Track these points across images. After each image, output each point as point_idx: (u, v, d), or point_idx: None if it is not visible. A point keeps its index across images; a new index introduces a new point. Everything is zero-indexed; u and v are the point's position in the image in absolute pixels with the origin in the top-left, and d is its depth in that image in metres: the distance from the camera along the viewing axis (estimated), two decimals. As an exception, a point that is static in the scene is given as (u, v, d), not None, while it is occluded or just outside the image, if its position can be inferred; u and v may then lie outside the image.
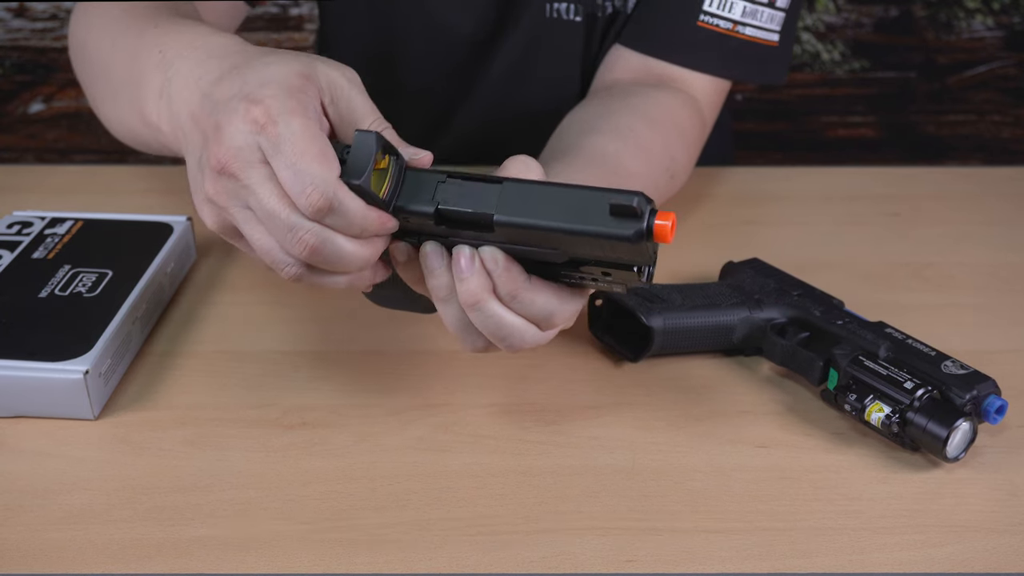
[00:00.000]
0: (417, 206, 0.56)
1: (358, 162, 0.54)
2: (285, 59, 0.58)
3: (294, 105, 0.55)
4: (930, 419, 0.62)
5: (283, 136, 0.54)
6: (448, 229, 0.56)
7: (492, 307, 0.57)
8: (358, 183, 0.54)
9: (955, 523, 0.60)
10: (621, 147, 0.79)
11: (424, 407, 0.68)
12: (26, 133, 1.97)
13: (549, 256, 0.55)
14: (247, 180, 0.55)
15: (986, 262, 0.87)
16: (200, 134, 0.58)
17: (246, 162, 0.55)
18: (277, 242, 0.56)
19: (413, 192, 0.56)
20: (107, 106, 0.77)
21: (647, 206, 0.52)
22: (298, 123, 0.54)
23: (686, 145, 0.87)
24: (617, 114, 0.83)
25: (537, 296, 0.57)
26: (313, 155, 0.54)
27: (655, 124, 0.83)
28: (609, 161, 0.77)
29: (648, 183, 0.81)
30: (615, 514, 0.60)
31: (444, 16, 0.96)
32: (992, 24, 1.97)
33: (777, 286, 0.74)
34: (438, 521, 0.60)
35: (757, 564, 0.57)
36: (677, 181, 0.86)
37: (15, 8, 1.90)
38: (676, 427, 0.67)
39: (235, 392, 0.70)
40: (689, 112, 0.87)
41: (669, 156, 0.84)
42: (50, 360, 0.65)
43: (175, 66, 0.62)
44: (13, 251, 0.77)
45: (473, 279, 0.56)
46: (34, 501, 0.61)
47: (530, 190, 0.54)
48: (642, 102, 0.85)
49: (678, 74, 0.89)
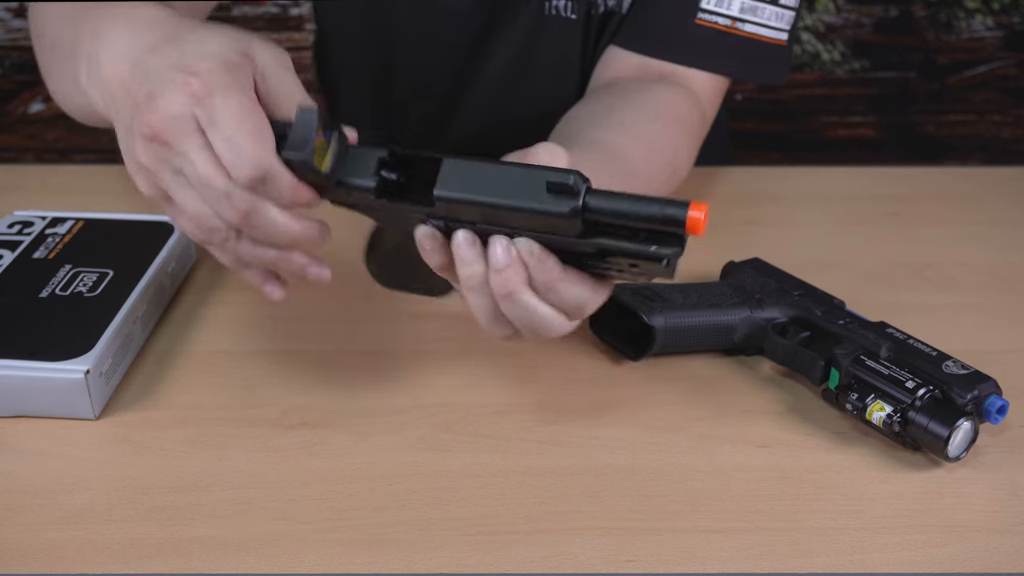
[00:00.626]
0: (359, 180, 0.57)
1: (299, 137, 0.55)
2: (223, 34, 0.58)
3: (231, 81, 0.56)
4: (931, 419, 0.62)
5: (220, 109, 0.55)
6: (388, 203, 0.57)
7: (526, 298, 0.57)
8: (301, 157, 0.55)
9: (956, 523, 0.60)
10: (624, 140, 0.79)
11: (424, 407, 0.68)
12: (26, 133, 1.97)
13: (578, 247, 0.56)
14: (182, 147, 0.56)
15: (986, 262, 0.87)
16: (131, 101, 0.58)
17: (181, 131, 0.56)
18: (210, 208, 0.57)
19: (355, 167, 0.57)
20: (53, 80, 0.77)
21: (583, 184, 0.53)
22: (235, 99, 0.55)
23: (688, 139, 0.87)
24: (619, 109, 0.83)
25: (572, 287, 0.57)
26: (248, 129, 0.55)
27: (657, 118, 0.84)
28: (613, 154, 0.77)
29: (651, 177, 0.81)
30: (615, 514, 0.60)
31: (441, 14, 0.96)
32: (992, 24, 1.97)
33: (778, 286, 0.74)
34: (438, 521, 0.60)
35: (758, 564, 0.57)
36: (680, 174, 0.86)
37: (15, 8, 1.90)
38: (676, 427, 0.67)
39: (235, 392, 0.70)
40: (689, 106, 0.87)
41: (672, 150, 0.84)
42: (51, 360, 0.65)
43: (104, 36, 0.62)
44: (14, 251, 0.77)
45: (509, 270, 0.56)
46: (34, 501, 0.61)
47: (471, 167, 0.55)
48: (644, 98, 0.85)
49: (676, 72, 0.89)
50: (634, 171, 0.78)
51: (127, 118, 0.59)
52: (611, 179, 0.74)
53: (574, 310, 0.59)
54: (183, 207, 0.58)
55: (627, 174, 0.78)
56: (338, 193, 0.58)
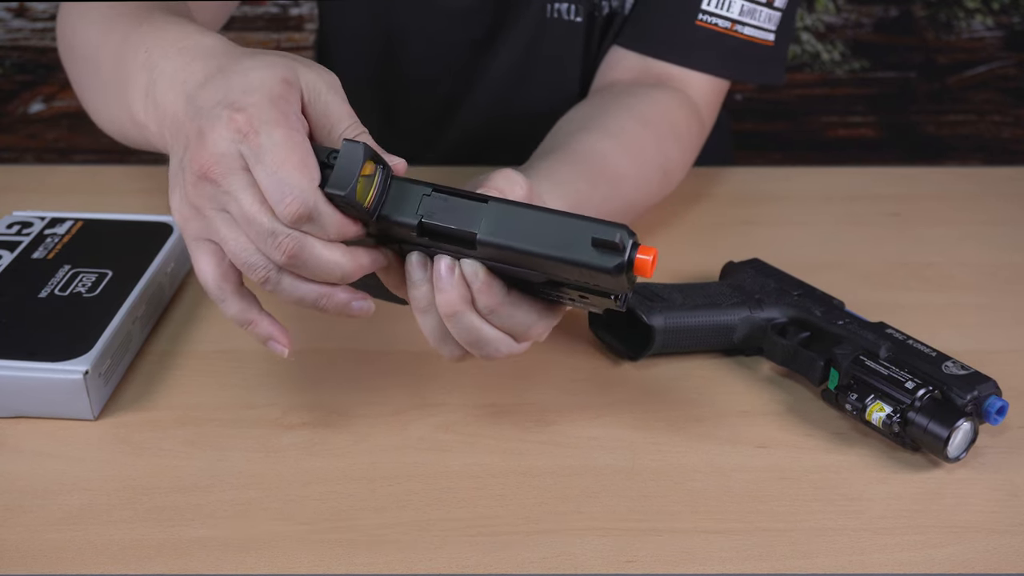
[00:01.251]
0: (401, 217, 0.56)
1: (344, 172, 0.55)
2: (267, 63, 0.58)
3: (276, 115, 0.55)
4: (931, 419, 0.62)
5: (264, 145, 0.55)
6: (431, 241, 0.57)
7: (469, 318, 0.58)
8: (343, 195, 0.54)
9: (956, 524, 0.60)
10: (611, 145, 0.79)
11: (424, 407, 0.68)
12: (26, 133, 1.97)
13: (529, 276, 0.56)
14: (228, 186, 0.56)
15: (986, 262, 0.87)
16: (183, 137, 0.58)
17: (228, 168, 0.55)
18: (254, 245, 0.57)
19: (398, 202, 0.56)
20: (96, 104, 0.77)
21: (629, 240, 0.53)
22: (280, 133, 0.55)
23: (681, 144, 0.87)
24: (610, 113, 0.83)
25: (516, 311, 0.59)
26: (294, 164, 0.54)
27: (648, 123, 0.83)
28: (596, 159, 0.77)
29: (638, 181, 0.81)
30: (615, 514, 0.60)
31: (444, 14, 0.96)
32: (992, 24, 1.97)
33: (777, 286, 0.74)
34: (438, 521, 0.60)
35: (757, 564, 0.57)
36: (671, 179, 0.86)
37: (15, 8, 1.90)
38: (676, 427, 0.67)
39: (235, 392, 0.70)
40: (686, 111, 0.87)
41: (662, 155, 0.84)
42: (50, 360, 0.65)
43: (160, 66, 0.62)
44: (13, 251, 0.77)
45: (452, 291, 0.57)
46: (34, 501, 0.61)
47: (515, 213, 0.55)
48: (637, 101, 0.85)
49: (676, 73, 0.89)
50: (619, 176, 0.78)
51: (180, 153, 0.59)
52: (593, 188, 0.75)
53: (520, 333, 0.60)
54: (226, 244, 0.57)
55: (611, 180, 0.77)
56: (379, 226, 0.57)
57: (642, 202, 0.83)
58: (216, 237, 0.58)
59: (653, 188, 0.84)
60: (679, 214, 0.93)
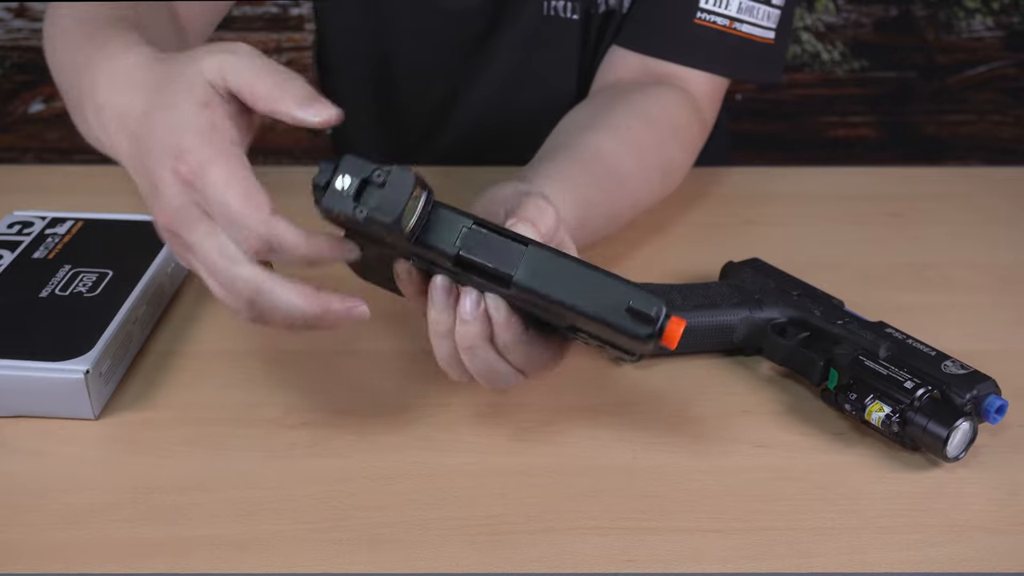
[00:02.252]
0: (440, 244, 0.56)
1: (393, 199, 0.53)
2: (185, 89, 0.56)
3: (211, 152, 0.54)
4: (930, 419, 0.62)
5: (208, 190, 0.54)
6: (461, 271, 0.57)
7: (486, 353, 0.58)
8: (388, 222, 0.53)
9: (955, 523, 0.60)
10: (615, 145, 0.79)
11: (424, 407, 0.68)
12: (26, 133, 1.97)
13: (553, 320, 0.57)
14: (190, 239, 0.56)
15: (986, 262, 0.87)
16: (145, 181, 0.58)
17: (185, 221, 0.55)
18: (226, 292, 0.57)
19: (438, 230, 0.56)
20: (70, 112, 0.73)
21: (663, 313, 0.54)
22: (216, 172, 0.54)
23: (682, 143, 0.87)
24: (613, 112, 0.83)
25: (532, 349, 0.59)
26: (238, 201, 0.53)
27: (651, 122, 0.84)
28: (601, 159, 0.77)
29: (642, 181, 0.81)
30: (615, 514, 0.60)
31: (441, 14, 0.96)
32: (992, 24, 1.97)
33: (777, 286, 0.74)
34: (438, 521, 0.60)
35: (757, 564, 0.57)
36: (673, 179, 0.86)
37: (15, 8, 1.90)
38: (676, 427, 0.67)
39: (235, 392, 0.70)
40: (687, 111, 0.87)
41: (664, 154, 0.84)
42: (50, 360, 0.65)
43: (102, 93, 0.61)
44: (13, 251, 0.77)
45: (475, 324, 0.57)
46: (34, 501, 0.61)
47: (555, 262, 0.55)
48: (639, 100, 0.85)
49: (676, 72, 0.89)
50: (623, 175, 0.78)
51: (146, 197, 0.59)
52: (599, 188, 0.75)
53: (532, 370, 0.60)
54: (211, 289, 0.58)
55: (616, 179, 0.78)
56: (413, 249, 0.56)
57: (645, 201, 0.83)
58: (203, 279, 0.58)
59: (655, 187, 0.84)
60: (679, 214, 0.93)
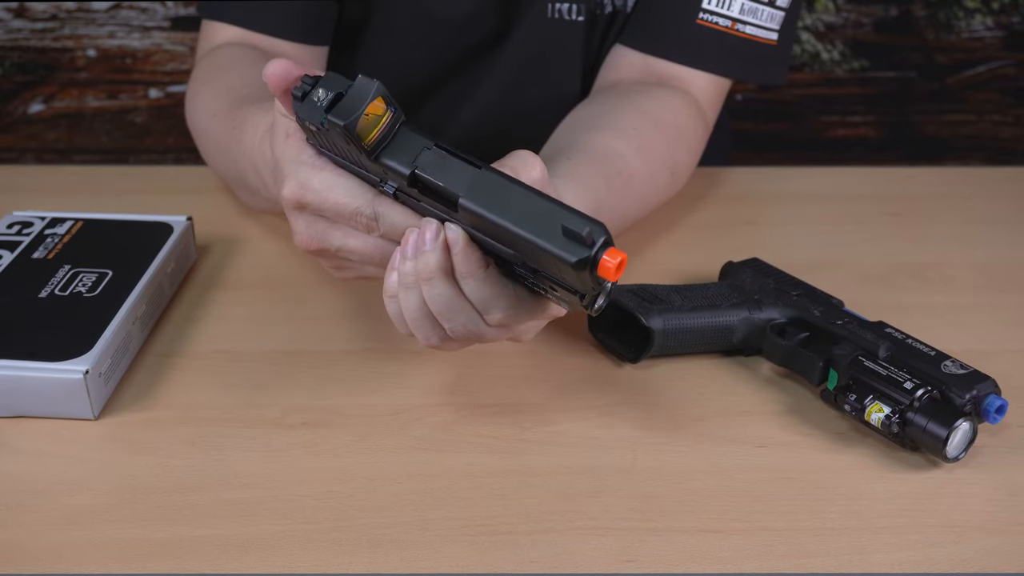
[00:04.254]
0: (396, 163, 0.57)
1: (351, 105, 0.56)
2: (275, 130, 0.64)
3: (305, 165, 0.62)
4: (930, 419, 0.62)
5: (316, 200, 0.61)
6: (419, 195, 0.58)
7: (444, 287, 0.59)
8: (342, 124, 0.55)
9: (955, 523, 0.60)
10: (623, 145, 0.79)
11: (424, 407, 0.68)
12: (26, 133, 1.97)
13: (504, 252, 0.57)
14: (334, 246, 0.63)
15: (986, 262, 0.87)
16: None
17: (317, 234, 0.63)
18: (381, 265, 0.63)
19: (399, 149, 0.57)
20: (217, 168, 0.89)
21: (600, 237, 0.52)
22: (316, 180, 0.61)
23: (688, 145, 0.87)
24: (619, 112, 0.83)
25: (489, 287, 0.59)
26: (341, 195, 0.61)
27: (657, 123, 0.84)
28: (610, 158, 0.77)
29: (649, 181, 0.81)
30: (615, 514, 0.60)
31: (445, 24, 0.96)
32: (992, 24, 1.96)
33: (777, 286, 0.74)
34: (438, 521, 0.60)
35: (757, 564, 0.57)
36: (678, 180, 0.86)
37: (15, 8, 1.90)
38: (676, 427, 0.67)
39: (235, 392, 0.70)
40: (691, 111, 0.87)
41: (671, 155, 0.84)
42: (50, 360, 0.65)
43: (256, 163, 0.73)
44: (13, 251, 0.77)
45: (433, 254, 0.58)
46: (34, 501, 0.61)
47: (502, 185, 0.55)
48: (644, 101, 0.85)
49: (678, 72, 0.89)
50: (631, 175, 0.78)
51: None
52: (608, 187, 0.75)
53: (496, 315, 0.60)
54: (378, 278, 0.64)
55: (624, 179, 0.78)
56: (370, 166, 0.58)
57: (652, 201, 0.84)
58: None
59: (662, 188, 0.84)
60: (679, 214, 0.93)
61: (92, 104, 1.83)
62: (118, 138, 1.85)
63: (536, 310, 0.61)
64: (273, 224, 0.90)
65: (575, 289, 0.55)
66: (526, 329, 0.63)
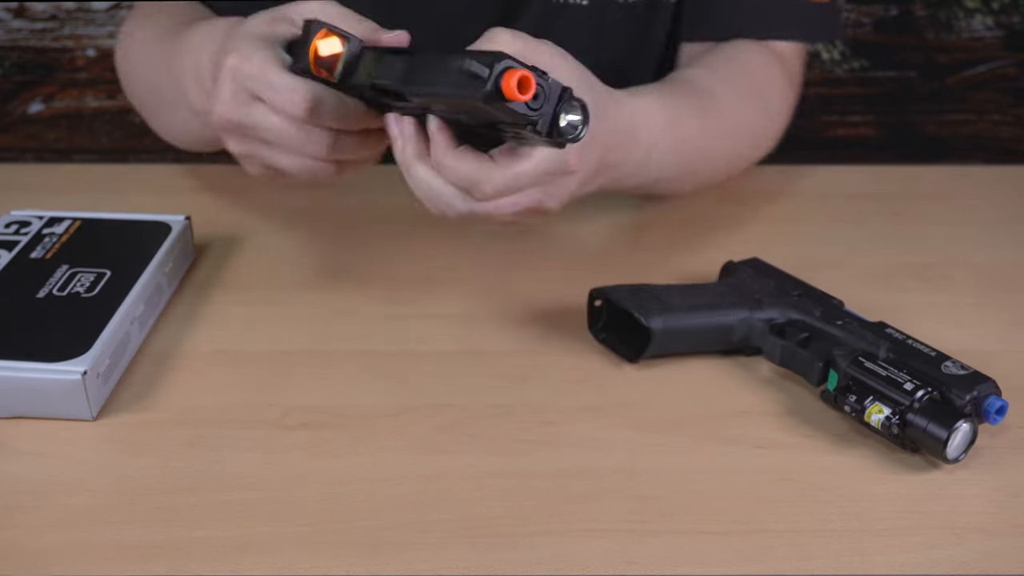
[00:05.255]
0: (358, 81, 0.64)
1: (301, 49, 0.64)
2: (259, 14, 0.69)
3: (257, 45, 0.65)
4: (930, 420, 0.62)
5: (253, 70, 0.64)
6: (392, 100, 0.63)
7: (419, 171, 0.65)
8: (300, 67, 0.64)
9: (955, 525, 0.60)
10: (705, 73, 0.85)
11: (424, 407, 0.68)
12: (26, 133, 1.97)
13: (464, 121, 0.62)
14: (251, 122, 0.66)
15: (986, 262, 0.87)
16: (204, 97, 0.71)
17: (240, 105, 0.65)
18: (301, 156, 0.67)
19: (364, 70, 0.64)
20: (163, 116, 0.89)
21: (493, 65, 0.55)
22: (262, 55, 0.65)
23: (777, 89, 0.91)
24: (701, 57, 0.87)
25: (461, 164, 0.63)
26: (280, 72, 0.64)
27: (744, 64, 0.88)
28: (692, 82, 0.83)
29: (737, 107, 0.86)
30: (615, 515, 0.60)
31: (444, 15, 0.96)
32: (992, 24, 1.96)
33: (777, 286, 0.74)
34: (438, 523, 0.59)
35: (757, 566, 0.57)
36: (772, 117, 0.90)
37: (15, 8, 1.89)
38: (676, 427, 0.67)
39: (234, 393, 0.70)
40: (776, 64, 0.91)
41: (759, 90, 0.88)
42: (48, 360, 0.65)
43: (199, 57, 0.73)
44: (11, 251, 0.77)
45: (408, 145, 0.64)
46: (32, 502, 0.60)
47: (426, 62, 0.60)
48: (724, 49, 0.89)
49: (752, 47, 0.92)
50: (718, 98, 0.83)
51: (204, 109, 0.71)
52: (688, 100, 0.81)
53: (469, 187, 0.64)
54: (284, 170, 0.68)
55: (709, 98, 0.82)
56: (346, 90, 0.65)
57: (745, 128, 0.88)
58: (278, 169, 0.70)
59: (752, 116, 0.88)
60: (679, 214, 0.92)
61: (92, 104, 1.83)
62: (118, 138, 1.85)
63: (502, 169, 0.63)
64: (273, 224, 0.90)
65: (523, 122, 0.57)
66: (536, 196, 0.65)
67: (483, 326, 0.77)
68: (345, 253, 0.86)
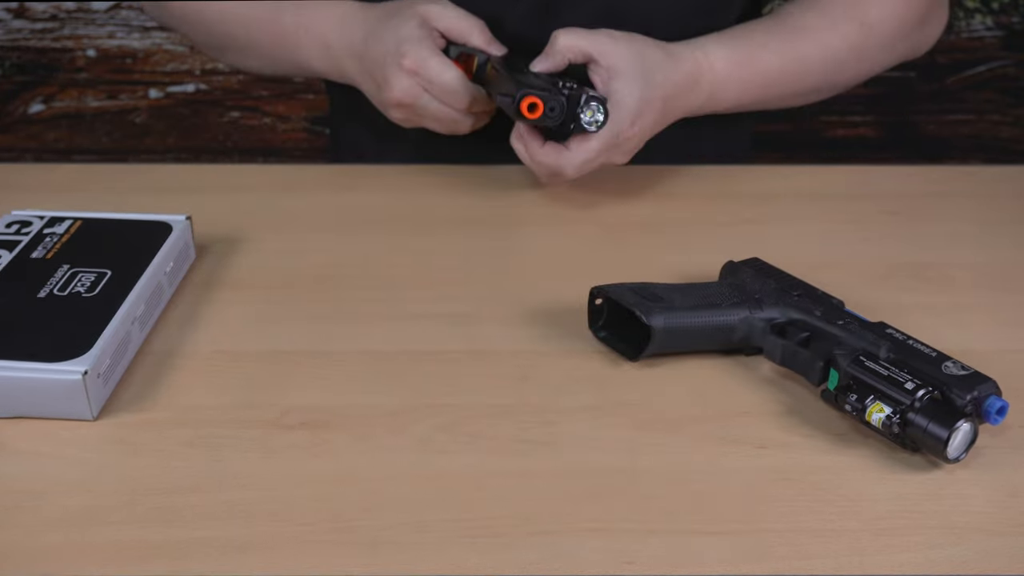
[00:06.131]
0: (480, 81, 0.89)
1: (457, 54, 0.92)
2: (403, 22, 0.88)
3: (426, 52, 0.86)
4: (931, 420, 0.62)
5: (431, 74, 0.86)
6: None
7: (529, 163, 0.88)
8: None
9: (956, 524, 0.60)
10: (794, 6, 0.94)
11: (424, 407, 0.68)
12: (26, 133, 1.97)
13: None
14: (420, 104, 0.89)
15: (986, 262, 0.87)
16: (373, 83, 0.91)
17: (415, 95, 0.88)
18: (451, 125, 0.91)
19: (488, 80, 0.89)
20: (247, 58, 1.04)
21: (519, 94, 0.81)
22: (435, 62, 0.87)
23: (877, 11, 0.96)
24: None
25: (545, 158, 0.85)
26: (452, 78, 0.87)
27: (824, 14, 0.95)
28: (776, 15, 0.94)
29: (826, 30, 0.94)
30: (615, 515, 0.60)
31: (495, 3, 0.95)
32: (991, 24, 1.96)
33: (777, 286, 0.74)
34: (437, 523, 0.59)
35: (757, 566, 0.57)
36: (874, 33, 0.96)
37: (15, 8, 1.89)
38: (676, 427, 0.67)
39: (234, 392, 0.70)
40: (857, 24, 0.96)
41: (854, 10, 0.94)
42: (49, 360, 0.65)
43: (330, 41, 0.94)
44: (12, 251, 0.77)
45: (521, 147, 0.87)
46: (32, 502, 0.60)
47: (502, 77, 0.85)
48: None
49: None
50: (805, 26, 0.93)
51: (375, 93, 0.92)
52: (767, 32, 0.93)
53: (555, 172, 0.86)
54: (435, 125, 0.91)
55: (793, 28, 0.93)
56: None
57: (840, 48, 0.94)
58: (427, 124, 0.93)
59: (851, 37, 0.94)
60: (679, 214, 0.93)
61: (92, 104, 1.83)
62: (118, 138, 1.85)
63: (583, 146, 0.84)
64: (273, 224, 0.90)
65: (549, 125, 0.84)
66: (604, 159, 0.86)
67: (483, 326, 0.77)
68: (345, 253, 0.86)
